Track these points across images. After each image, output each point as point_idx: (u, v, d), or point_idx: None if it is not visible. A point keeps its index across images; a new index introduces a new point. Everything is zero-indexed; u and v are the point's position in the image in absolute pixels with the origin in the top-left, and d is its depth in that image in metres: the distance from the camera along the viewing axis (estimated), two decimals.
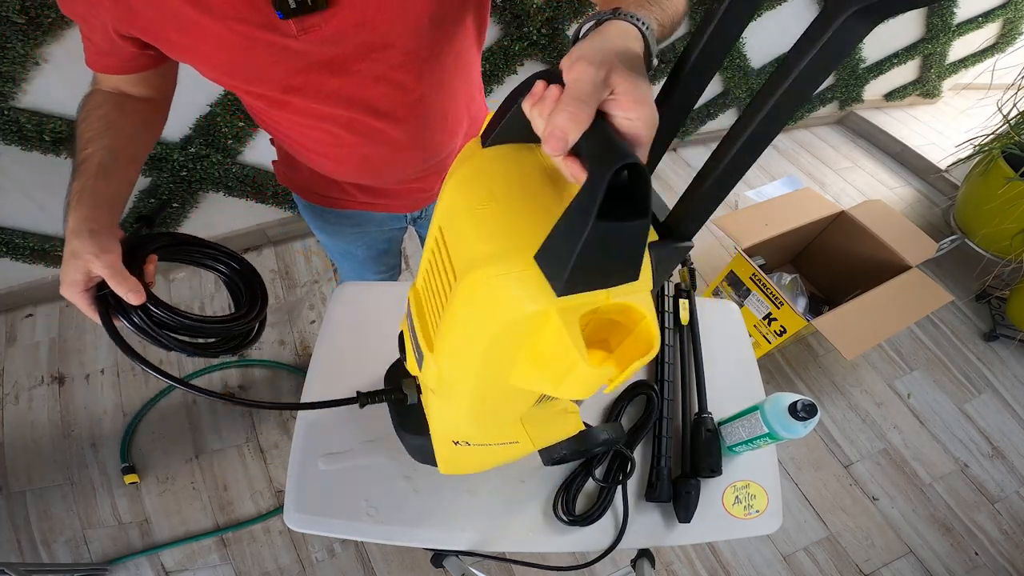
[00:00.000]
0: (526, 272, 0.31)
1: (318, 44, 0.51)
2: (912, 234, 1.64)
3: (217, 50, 0.50)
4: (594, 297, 0.31)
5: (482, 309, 0.32)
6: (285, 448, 1.46)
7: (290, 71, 0.53)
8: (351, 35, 0.51)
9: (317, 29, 0.50)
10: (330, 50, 0.52)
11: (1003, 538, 1.51)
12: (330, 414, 0.64)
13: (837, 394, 1.75)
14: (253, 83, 0.55)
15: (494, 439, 0.46)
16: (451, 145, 0.74)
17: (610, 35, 0.36)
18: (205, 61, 0.53)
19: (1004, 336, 1.94)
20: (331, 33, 0.50)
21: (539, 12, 1.55)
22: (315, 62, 0.53)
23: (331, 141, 0.65)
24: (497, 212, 0.33)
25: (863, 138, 2.81)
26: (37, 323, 1.63)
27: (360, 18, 0.50)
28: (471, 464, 0.55)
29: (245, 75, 0.54)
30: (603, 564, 0.63)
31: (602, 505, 0.60)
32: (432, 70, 0.61)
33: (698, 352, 0.74)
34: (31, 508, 1.32)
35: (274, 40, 0.50)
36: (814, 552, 1.44)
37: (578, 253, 0.28)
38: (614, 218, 0.27)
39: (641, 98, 0.32)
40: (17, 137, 1.23)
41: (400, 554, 1.32)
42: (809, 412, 0.54)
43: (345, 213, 0.85)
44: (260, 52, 0.51)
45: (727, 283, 1.64)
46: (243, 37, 0.49)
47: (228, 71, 0.54)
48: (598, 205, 0.26)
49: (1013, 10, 2.58)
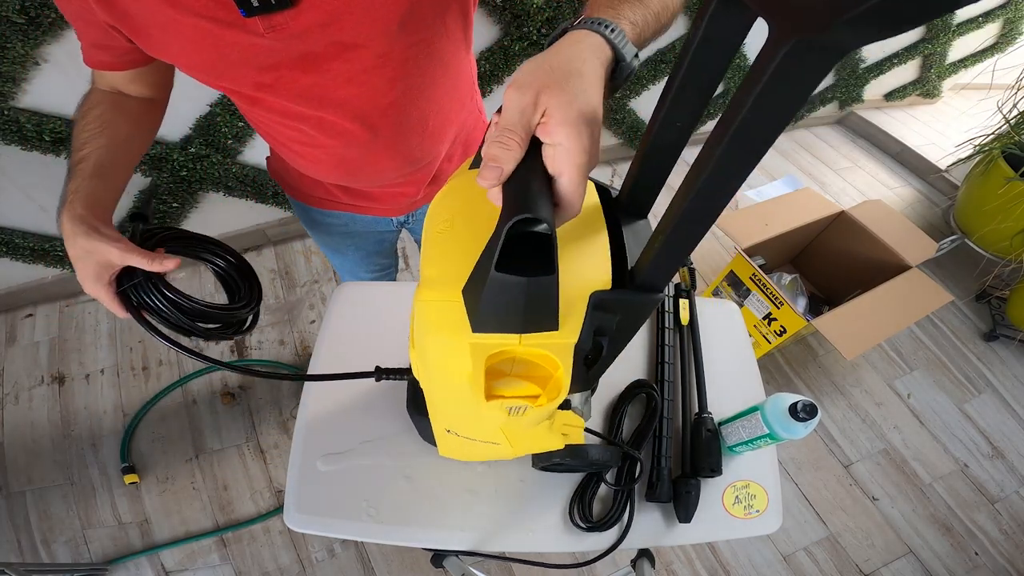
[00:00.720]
0: (454, 304, 0.32)
1: (286, 41, 0.50)
2: (912, 234, 1.64)
3: (189, 47, 0.50)
4: (506, 340, 0.32)
5: (424, 327, 0.34)
6: (285, 448, 1.46)
7: (260, 68, 0.53)
8: (319, 34, 0.51)
9: (284, 27, 0.49)
10: (299, 47, 0.51)
11: (1003, 538, 1.51)
12: (330, 414, 0.64)
13: (837, 394, 1.75)
14: (225, 79, 0.55)
15: (476, 435, 0.47)
16: (435, 151, 0.72)
17: (558, 49, 0.34)
18: (179, 58, 0.53)
19: (1004, 336, 1.94)
20: (298, 31, 0.50)
21: (539, 12, 1.55)
22: (285, 59, 0.52)
23: (306, 140, 0.65)
24: (451, 238, 0.35)
25: (863, 138, 2.81)
26: (37, 323, 1.63)
27: (326, 18, 0.49)
28: (464, 453, 0.56)
29: (217, 72, 0.54)
30: (603, 564, 0.63)
31: (618, 509, 0.60)
32: (408, 74, 0.59)
33: (698, 352, 0.74)
34: (31, 508, 1.32)
35: (242, 38, 0.49)
36: (814, 552, 1.44)
37: (482, 298, 0.29)
38: (513, 271, 0.27)
39: (568, 119, 0.30)
40: (17, 137, 1.23)
41: (400, 554, 1.32)
42: (809, 413, 0.54)
43: (331, 213, 0.85)
44: (228, 49, 0.50)
45: (727, 283, 1.63)
46: (212, 34, 0.49)
47: (201, 68, 0.53)
48: (495, 257, 0.26)
49: (1013, 10, 2.58)
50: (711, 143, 0.25)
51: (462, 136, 0.78)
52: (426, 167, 0.74)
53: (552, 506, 0.61)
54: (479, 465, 0.62)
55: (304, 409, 0.65)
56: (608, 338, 0.36)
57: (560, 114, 0.30)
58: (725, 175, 0.25)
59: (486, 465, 0.62)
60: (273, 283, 1.82)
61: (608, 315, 0.34)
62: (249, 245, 1.88)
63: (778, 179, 2.49)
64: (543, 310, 0.30)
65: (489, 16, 1.54)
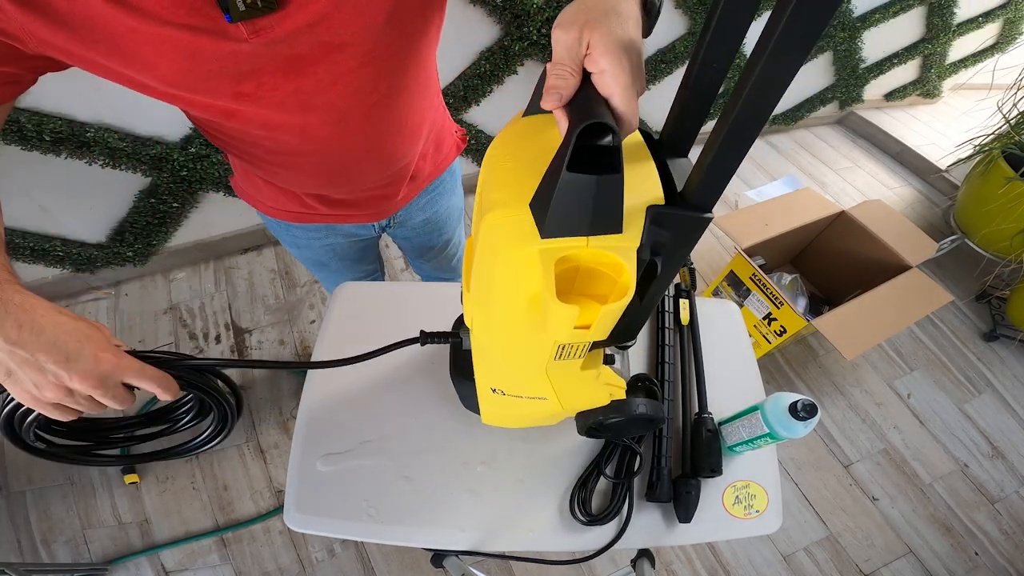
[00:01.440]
0: (522, 216, 0.35)
1: (270, 46, 0.48)
2: (912, 234, 1.64)
3: (158, 59, 0.45)
4: (574, 242, 0.34)
5: (491, 247, 0.36)
6: (285, 448, 1.46)
7: (240, 76, 0.50)
8: (305, 35, 0.48)
9: (269, 31, 0.46)
10: (284, 51, 0.49)
11: (1003, 538, 1.51)
12: (330, 414, 0.64)
13: (837, 394, 1.75)
14: (200, 92, 0.50)
15: (523, 391, 0.48)
16: (411, 153, 0.72)
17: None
18: (146, 73, 0.47)
19: (1004, 336, 1.94)
20: (284, 34, 0.47)
21: (539, 12, 1.55)
22: (267, 65, 0.50)
23: (287, 151, 0.62)
24: (513, 169, 0.38)
25: (863, 138, 2.81)
26: None
27: (314, 17, 0.47)
28: (508, 417, 0.57)
29: (192, 85, 0.49)
30: (603, 564, 0.63)
31: (618, 502, 0.60)
32: (392, 71, 0.58)
33: (698, 352, 0.74)
34: (31, 508, 1.32)
35: (221, 45, 0.46)
36: (814, 552, 1.44)
37: (553, 201, 0.32)
38: (583, 171, 0.30)
39: (609, 48, 0.33)
40: (17, 137, 1.23)
41: (400, 554, 1.32)
42: (809, 412, 0.54)
43: (310, 227, 0.83)
44: (206, 59, 0.46)
45: (727, 283, 1.63)
46: (185, 43, 0.45)
47: (172, 82, 0.48)
48: (567, 159, 0.30)
49: (1013, 10, 2.58)
50: (756, 51, 0.26)
51: (433, 134, 0.78)
52: (405, 167, 0.74)
53: (552, 505, 0.61)
54: (479, 465, 0.62)
55: (304, 409, 0.65)
56: (663, 258, 0.38)
57: (603, 45, 0.33)
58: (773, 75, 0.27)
59: (486, 465, 0.62)
60: (273, 283, 1.82)
61: (663, 231, 0.36)
62: (249, 245, 1.89)
63: (778, 179, 2.49)
64: (610, 210, 0.33)
65: (489, 16, 1.54)
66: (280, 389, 1.57)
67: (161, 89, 0.50)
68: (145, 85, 0.49)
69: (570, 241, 0.34)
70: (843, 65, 2.47)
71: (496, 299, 0.39)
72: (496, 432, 0.65)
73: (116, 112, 1.32)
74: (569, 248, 0.34)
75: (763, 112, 0.29)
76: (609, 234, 0.35)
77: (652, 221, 0.35)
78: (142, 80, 0.48)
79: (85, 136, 1.30)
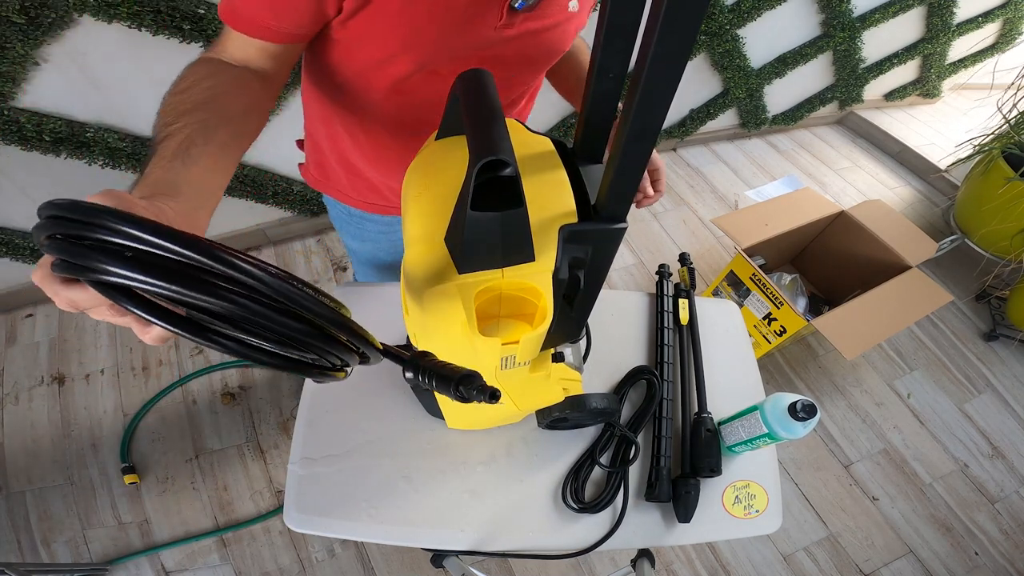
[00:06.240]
0: (438, 251, 0.36)
1: (502, 39, 0.56)
2: (912, 234, 1.64)
3: (429, 21, 0.51)
4: (490, 275, 0.35)
5: (413, 280, 0.37)
6: (285, 448, 1.46)
7: (490, 48, 0.57)
8: (527, 40, 0.58)
9: (510, 27, 0.55)
10: (502, 48, 0.57)
11: (1003, 538, 1.51)
12: (330, 414, 0.64)
13: (837, 394, 1.75)
14: (458, 55, 0.56)
15: None
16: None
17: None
18: (406, 25, 0.52)
19: (1004, 336, 1.94)
20: (515, 34, 0.56)
21: None
22: (492, 52, 0.57)
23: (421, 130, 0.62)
24: (430, 200, 0.39)
25: (863, 138, 2.81)
26: (37, 323, 1.63)
27: (537, 28, 0.57)
28: (471, 420, 0.58)
29: (448, 45, 0.55)
30: (603, 564, 0.63)
31: (611, 491, 0.60)
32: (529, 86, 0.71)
33: (698, 352, 0.74)
34: (31, 508, 1.32)
35: (485, 20, 0.53)
36: (814, 552, 1.44)
37: (464, 239, 0.32)
38: (487, 208, 0.31)
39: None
40: (17, 137, 1.23)
41: (400, 554, 1.32)
42: (809, 412, 0.54)
43: (383, 219, 0.86)
44: (470, 27, 0.53)
45: (727, 283, 1.63)
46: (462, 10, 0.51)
47: (435, 39, 0.54)
48: (469, 200, 0.30)
49: (1013, 10, 2.58)
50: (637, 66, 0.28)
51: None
52: None
53: (551, 505, 0.61)
54: (479, 465, 0.62)
55: (304, 409, 0.65)
56: (584, 271, 0.39)
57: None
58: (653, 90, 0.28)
59: (485, 465, 0.62)
60: None
61: (580, 247, 0.37)
62: (249, 245, 1.88)
63: (778, 179, 2.49)
64: (519, 242, 0.34)
65: None
66: (280, 389, 1.57)
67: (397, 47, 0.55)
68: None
69: (486, 275, 0.35)
70: (843, 65, 2.47)
71: (430, 326, 0.39)
72: (495, 433, 0.65)
73: (116, 112, 1.32)
74: (486, 281, 0.35)
75: (654, 121, 0.30)
76: (523, 263, 0.36)
77: (566, 240, 0.36)
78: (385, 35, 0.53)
79: (85, 136, 1.30)
